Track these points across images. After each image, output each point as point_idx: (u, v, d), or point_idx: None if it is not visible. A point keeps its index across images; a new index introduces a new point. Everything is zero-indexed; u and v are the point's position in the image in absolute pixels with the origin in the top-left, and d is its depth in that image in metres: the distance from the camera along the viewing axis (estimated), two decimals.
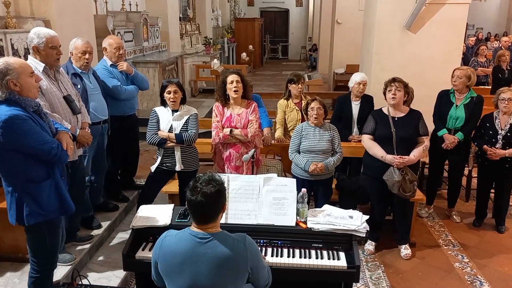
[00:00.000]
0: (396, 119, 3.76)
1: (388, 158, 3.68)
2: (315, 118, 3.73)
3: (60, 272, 3.15)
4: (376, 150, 3.76)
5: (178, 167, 3.64)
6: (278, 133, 4.66)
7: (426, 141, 3.78)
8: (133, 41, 8.36)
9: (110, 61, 4.19)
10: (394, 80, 3.75)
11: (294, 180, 2.93)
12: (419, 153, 3.73)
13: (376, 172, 3.77)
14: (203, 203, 1.96)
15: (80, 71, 3.64)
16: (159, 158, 3.69)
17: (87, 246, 3.57)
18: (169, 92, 3.55)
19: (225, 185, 2.80)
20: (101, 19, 6.87)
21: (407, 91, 3.84)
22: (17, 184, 2.45)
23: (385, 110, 3.85)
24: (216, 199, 1.99)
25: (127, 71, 4.19)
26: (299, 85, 4.55)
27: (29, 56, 3.03)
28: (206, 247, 1.99)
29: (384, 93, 3.82)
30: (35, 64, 2.92)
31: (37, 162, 2.44)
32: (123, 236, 3.99)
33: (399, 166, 3.66)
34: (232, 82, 3.65)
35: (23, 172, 2.43)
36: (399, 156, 3.66)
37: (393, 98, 3.71)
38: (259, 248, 2.70)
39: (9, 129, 2.29)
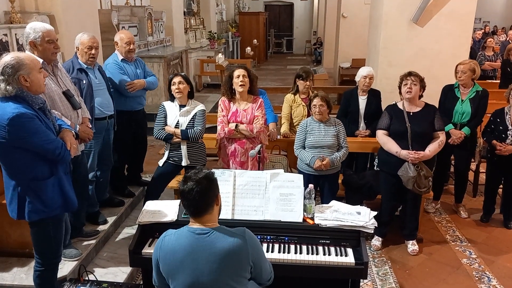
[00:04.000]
0: (411, 114, 3.71)
1: (403, 153, 3.64)
2: (317, 114, 3.70)
3: (66, 268, 3.16)
4: (391, 146, 3.72)
5: (184, 162, 3.66)
6: (284, 128, 4.62)
7: (442, 136, 3.73)
8: (137, 36, 8.34)
9: (121, 56, 4.19)
10: (410, 74, 3.70)
11: (301, 176, 2.91)
12: (434, 149, 3.68)
13: (391, 167, 3.73)
14: (194, 189, 1.96)
15: (86, 66, 3.62)
16: (166, 153, 3.71)
17: (93, 241, 3.58)
18: (174, 84, 3.56)
19: (232, 181, 2.81)
20: (106, 13, 6.85)
21: (423, 86, 3.79)
22: (22, 181, 2.45)
23: (400, 105, 3.80)
24: (207, 185, 2.00)
25: (140, 88, 4.18)
26: (307, 82, 4.50)
27: (26, 52, 2.96)
28: (205, 242, 1.98)
29: (399, 87, 3.77)
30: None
31: (40, 160, 2.44)
32: (129, 231, 3.99)
33: (414, 162, 3.62)
34: (238, 76, 3.64)
35: (29, 170, 2.43)
36: (414, 151, 3.62)
37: (408, 92, 3.66)
38: (266, 244, 2.70)
39: (16, 127, 2.28)
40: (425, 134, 3.69)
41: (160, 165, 3.75)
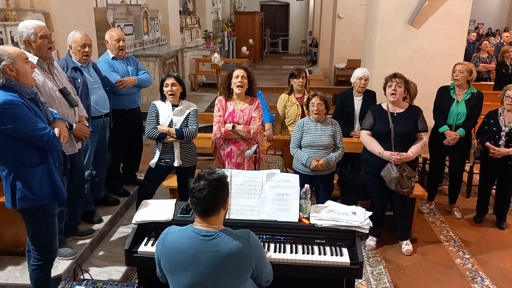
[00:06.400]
0: (395, 114, 3.74)
1: (386, 154, 3.66)
2: (315, 113, 3.71)
3: (61, 267, 3.15)
4: (374, 147, 3.74)
5: (176, 163, 3.60)
6: (277, 129, 4.67)
7: (425, 138, 3.76)
8: (133, 34, 8.32)
9: (112, 54, 4.16)
10: (395, 75, 3.72)
11: (297, 176, 2.92)
12: (417, 150, 3.72)
13: (374, 168, 3.76)
14: (205, 189, 1.96)
15: (80, 64, 3.59)
16: (157, 154, 3.63)
17: (88, 240, 3.56)
18: (167, 85, 3.52)
19: (228, 180, 2.81)
20: (101, 12, 6.83)
21: (408, 88, 3.82)
22: (12, 169, 2.49)
23: (384, 106, 3.83)
24: (218, 187, 2.00)
25: (131, 85, 4.15)
26: (300, 79, 4.53)
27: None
28: (210, 245, 1.97)
29: (384, 88, 3.80)
30: (29, 57, 2.87)
31: (30, 148, 2.47)
32: (124, 230, 3.98)
33: (396, 163, 3.64)
34: (237, 76, 3.62)
35: (17, 157, 2.47)
36: (396, 152, 3.65)
37: (392, 94, 3.68)
38: (262, 244, 2.70)
39: (2, 114, 2.33)
40: (408, 135, 3.71)
41: (152, 166, 3.67)
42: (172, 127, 3.54)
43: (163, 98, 3.61)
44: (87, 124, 3.23)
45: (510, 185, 4.30)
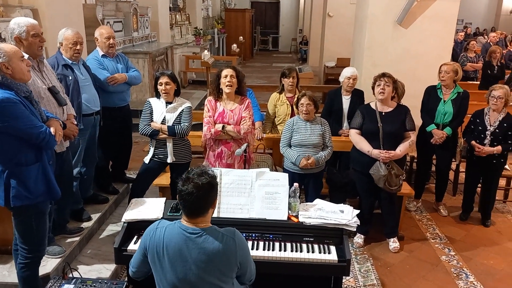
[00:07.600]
0: (383, 114, 3.80)
1: (374, 152, 3.72)
2: (304, 113, 3.74)
3: (50, 265, 3.14)
4: (363, 145, 3.80)
5: (170, 159, 3.65)
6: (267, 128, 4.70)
7: (413, 136, 3.83)
8: (122, 31, 8.26)
9: (102, 51, 4.14)
10: (383, 75, 3.77)
11: (286, 174, 2.94)
12: (405, 148, 3.78)
13: (363, 166, 3.81)
14: (194, 194, 1.95)
15: (71, 62, 3.57)
16: (152, 150, 3.69)
17: (77, 238, 3.55)
18: (161, 84, 3.55)
19: (218, 179, 2.82)
20: (90, 8, 6.77)
21: (396, 87, 3.88)
22: (7, 166, 2.49)
23: (372, 105, 3.88)
24: (208, 191, 1.99)
25: (122, 82, 4.14)
26: (290, 79, 4.55)
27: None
28: (195, 243, 2.00)
29: (373, 88, 3.85)
30: None
31: (26, 146, 2.48)
32: (113, 228, 3.97)
33: (385, 161, 3.70)
34: (226, 76, 3.59)
35: (13, 155, 2.47)
36: (385, 151, 3.70)
37: (381, 93, 3.74)
38: (251, 242, 2.74)
39: (0, 111, 2.32)
40: (397, 134, 3.77)
41: (146, 162, 3.73)
42: (165, 124, 3.57)
43: (158, 95, 3.63)
44: (75, 123, 3.21)
45: (494, 183, 4.40)
